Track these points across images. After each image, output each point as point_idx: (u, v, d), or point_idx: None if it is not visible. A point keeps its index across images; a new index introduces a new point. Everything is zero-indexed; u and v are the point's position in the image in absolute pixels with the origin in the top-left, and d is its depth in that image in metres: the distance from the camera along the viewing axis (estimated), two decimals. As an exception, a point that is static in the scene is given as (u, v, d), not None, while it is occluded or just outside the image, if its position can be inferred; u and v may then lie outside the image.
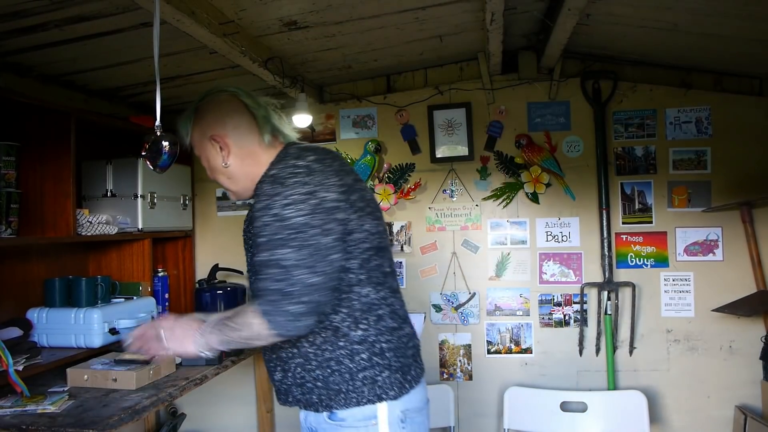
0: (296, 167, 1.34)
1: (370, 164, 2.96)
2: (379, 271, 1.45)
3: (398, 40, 2.47)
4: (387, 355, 1.41)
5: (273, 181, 1.34)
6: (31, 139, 2.15)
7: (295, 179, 1.32)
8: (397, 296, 1.51)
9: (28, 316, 2.21)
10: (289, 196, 1.30)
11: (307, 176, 1.33)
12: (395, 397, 1.39)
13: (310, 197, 1.31)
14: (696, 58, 2.70)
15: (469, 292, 2.97)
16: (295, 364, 1.43)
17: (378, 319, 1.42)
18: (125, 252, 2.64)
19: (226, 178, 1.54)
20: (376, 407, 1.38)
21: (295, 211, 1.29)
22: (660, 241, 2.84)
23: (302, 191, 1.31)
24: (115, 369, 1.90)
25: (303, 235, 1.28)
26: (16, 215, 2.07)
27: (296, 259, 1.27)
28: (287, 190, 1.31)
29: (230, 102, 1.52)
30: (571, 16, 2.07)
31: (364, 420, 1.38)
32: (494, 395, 2.92)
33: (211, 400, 3.14)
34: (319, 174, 1.34)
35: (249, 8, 1.92)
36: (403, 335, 1.48)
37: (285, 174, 1.33)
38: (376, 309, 1.42)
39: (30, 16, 1.80)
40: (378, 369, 1.39)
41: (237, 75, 2.55)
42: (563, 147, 2.91)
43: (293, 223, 1.29)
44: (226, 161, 1.49)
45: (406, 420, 1.41)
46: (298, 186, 1.31)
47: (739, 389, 2.76)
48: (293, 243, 1.28)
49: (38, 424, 1.57)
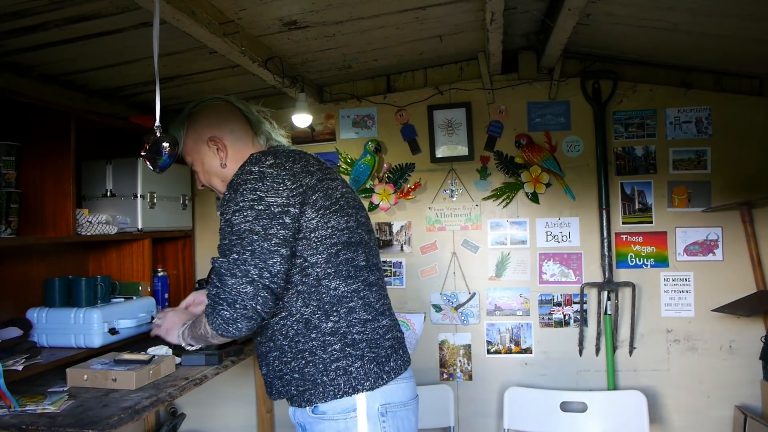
0: (250, 173, 1.39)
1: (370, 164, 2.96)
2: (351, 264, 1.47)
3: (398, 40, 2.47)
4: (360, 345, 1.44)
5: (229, 187, 1.42)
6: (31, 139, 2.14)
7: (245, 186, 1.38)
8: (373, 290, 1.51)
9: (28, 316, 2.21)
10: (239, 203, 1.37)
11: (258, 182, 1.38)
12: (371, 387, 1.42)
13: (256, 203, 1.36)
14: (696, 58, 2.70)
15: (469, 292, 2.97)
16: (272, 357, 1.49)
17: (349, 312, 1.45)
18: (125, 252, 2.64)
19: (221, 181, 1.60)
20: (354, 399, 1.41)
21: (242, 217, 1.36)
22: (660, 241, 2.84)
23: (250, 197, 1.37)
24: (115, 369, 1.89)
25: (245, 241, 1.35)
26: (16, 215, 2.07)
27: (232, 264, 1.35)
28: (238, 197, 1.38)
29: (225, 106, 1.64)
30: (571, 16, 2.07)
31: (343, 413, 1.41)
32: (494, 395, 2.92)
33: (211, 400, 3.14)
34: (269, 179, 1.38)
35: (249, 8, 1.92)
36: (378, 327, 1.49)
37: (239, 180, 1.40)
38: (347, 302, 1.45)
39: (30, 16, 1.80)
40: (351, 359, 1.42)
41: (237, 75, 2.55)
42: (563, 147, 2.91)
43: (238, 229, 1.36)
44: (224, 161, 1.58)
45: (387, 414, 1.43)
46: (248, 192, 1.37)
47: (739, 389, 2.76)
48: (236, 248, 1.36)
49: (38, 424, 1.57)
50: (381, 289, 1.57)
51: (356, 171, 2.99)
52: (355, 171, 2.99)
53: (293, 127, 3.03)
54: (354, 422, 1.40)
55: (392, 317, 1.58)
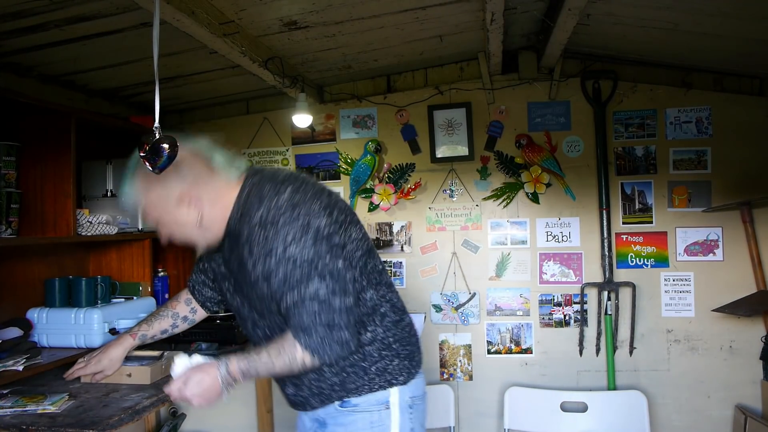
0: (279, 207, 1.34)
1: (370, 164, 2.95)
2: (375, 271, 1.50)
3: (398, 40, 2.47)
4: (394, 346, 1.48)
5: (263, 226, 1.34)
6: (31, 139, 2.14)
7: (284, 218, 1.32)
8: (392, 290, 1.57)
9: (28, 316, 2.21)
10: (287, 236, 1.31)
11: (294, 210, 1.34)
12: (404, 382, 1.47)
13: (306, 229, 1.32)
14: (696, 58, 2.70)
15: (469, 292, 2.97)
16: (309, 378, 1.47)
17: (382, 317, 1.48)
18: (125, 252, 2.64)
19: (200, 232, 1.45)
20: (388, 392, 1.45)
21: (299, 247, 1.31)
22: (660, 241, 2.84)
23: (297, 226, 1.32)
24: (128, 365, 1.90)
25: (319, 266, 1.31)
26: (16, 215, 2.07)
27: (328, 289, 1.31)
28: (283, 230, 1.32)
29: (183, 154, 1.41)
30: (571, 16, 2.07)
31: (377, 404, 1.45)
32: (494, 395, 2.92)
33: (211, 400, 3.13)
34: (302, 205, 1.35)
35: (249, 8, 1.92)
36: (405, 325, 1.55)
37: (273, 215, 1.33)
38: (378, 308, 1.48)
39: (30, 16, 1.80)
40: (388, 360, 1.46)
41: (237, 75, 2.55)
42: (563, 147, 2.91)
43: (304, 258, 1.31)
44: (201, 214, 1.42)
45: (414, 406, 1.49)
46: (290, 223, 1.32)
47: (739, 389, 2.76)
48: (314, 276, 1.31)
49: (38, 424, 1.57)
50: (394, 287, 1.61)
51: (356, 171, 2.99)
52: (356, 171, 2.99)
53: (293, 127, 3.04)
54: (387, 414, 1.45)
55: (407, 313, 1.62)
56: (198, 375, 1.38)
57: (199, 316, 1.83)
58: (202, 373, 1.38)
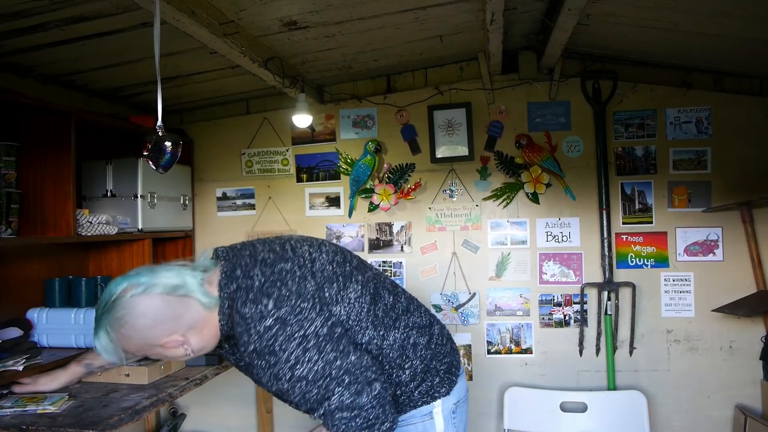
0: (269, 329, 1.28)
1: (370, 164, 2.96)
2: (387, 310, 1.47)
3: (398, 40, 2.47)
4: (432, 364, 1.49)
5: (260, 356, 1.29)
6: (31, 139, 2.15)
7: (278, 341, 1.27)
8: (411, 310, 1.55)
9: (28, 316, 2.21)
10: (290, 358, 1.27)
11: (285, 327, 1.28)
12: (447, 393, 1.49)
13: (305, 342, 1.28)
14: (696, 58, 2.70)
15: (469, 292, 2.97)
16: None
17: (413, 348, 1.48)
18: (125, 252, 2.64)
19: (194, 355, 1.40)
20: (432, 405, 1.47)
21: (305, 364, 1.28)
22: (660, 241, 2.84)
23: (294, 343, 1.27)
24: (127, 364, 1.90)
25: (333, 373, 1.27)
26: (16, 215, 2.07)
27: (351, 393, 1.26)
28: (283, 355, 1.27)
29: (156, 298, 1.31)
30: (571, 16, 2.07)
31: (421, 417, 1.46)
32: (494, 395, 2.92)
33: (211, 400, 3.14)
34: (293, 314, 1.30)
35: (249, 8, 1.92)
36: (436, 337, 1.55)
37: (264, 344, 1.28)
38: (407, 341, 1.48)
39: (30, 16, 1.80)
40: (429, 380, 1.48)
41: (237, 75, 2.56)
42: (563, 147, 2.91)
43: (315, 374, 1.27)
44: (191, 349, 1.36)
45: (456, 411, 1.51)
46: (286, 342, 1.27)
47: (739, 389, 2.76)
48: (332, 386, 1.27)
49: (38, 425, 1.57)
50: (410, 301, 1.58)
51: (356, 171, 2.99)
52: (356, 171, 2.99)
53: (293, 127, 3.04)
54: (432, 423, 1.46)
55: (429, 313, 1.62)
56: None
57: None
58: None
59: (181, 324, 1.33)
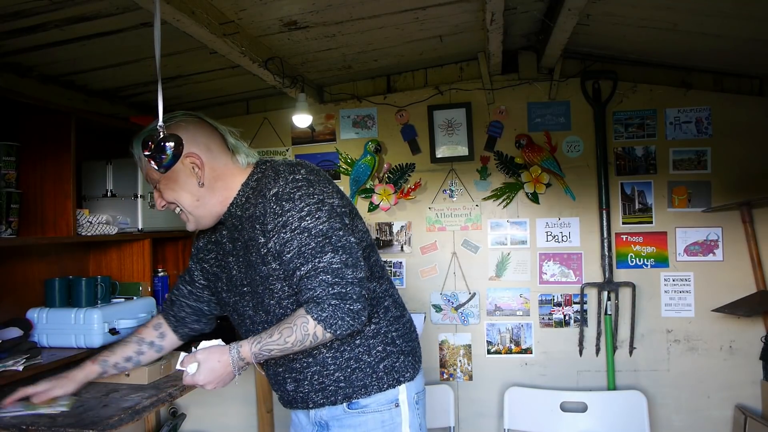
0: (296, 181, 1.37)
1: (370, 164, 2.95)
2: (378, 265, 1.53)
3: (398, 40, 2.47)
4: (398, 342, 1.49)
5: (279, 200, 1.36)
6: (31, 139, 2.14)
7: (300, 192, 1.36)
8: (393, 285, 1.60)
9: (28, 316, 2.21)
10: (303, 209, 1.34)
11: (309, 187, 1.37)
12: (411, 378, 1.49)
13: (321, 205, 1.36)
14: (696, 58, 2.70)
15: (469, 292, 2.97)
16: (311, 372, 1.46)
17: (386, 311, 1.50)
18: (125, 252, 2.64)
19: (194, 200, 1.45)
20: (397, 390, 1.47)
21: (314, 220, 1.34)
22: (660, 241, 2.84)
23: (312, 201, 1.35)
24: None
25: (333, 239, 1.34)
26: (16, 215, 2.07)
27: (340, 261, 1.32)
28: (299, 203, 1.35)
29: (199, 123, 1.48)
30: (571, 16, 2.07)
31: (387, 404, 1.46)
32: (494, 395, 2.92)
33: (211, 400, 3.14)
34: (318, 184, 1.39)
35: (249, 8, 1.92)
36: (406, 321, 1.57)
37: (289, 190, 1.36)
38: (382, 301, 1.50)
39: (30, 16, 1.80)
40: (394, 357, 1.48)
41: (237, 75, 2.55)
42: (563, 147, 2.91)
43: (318, 231, 1.33)
44: (201, 180, 1.44)
45: (419, 402, 1.51)
46: (306, 197, 1.35)
47: (739, 389, 2.76)
48: (328, 248, 1.33)
49: (38, 424, 1.57)
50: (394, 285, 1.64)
51: (356, 171, 2.99)
52: (355, 171, 2.99)
53: (293, 127, 3.04)
54: (398, 412, 1.46)
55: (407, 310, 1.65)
56: (210, 363, 1.38)
57: (168, 342, 1.71)
58: (213, 360, 1.38)
59: (209, 156, 1.44)
